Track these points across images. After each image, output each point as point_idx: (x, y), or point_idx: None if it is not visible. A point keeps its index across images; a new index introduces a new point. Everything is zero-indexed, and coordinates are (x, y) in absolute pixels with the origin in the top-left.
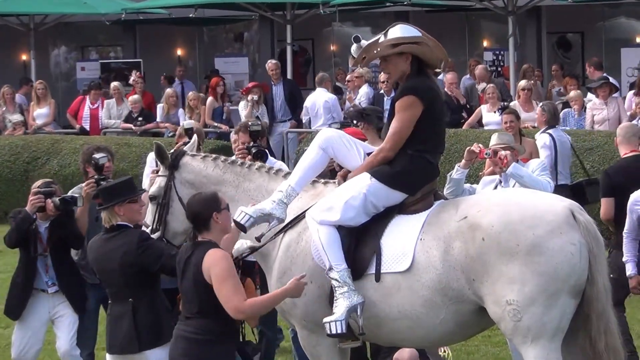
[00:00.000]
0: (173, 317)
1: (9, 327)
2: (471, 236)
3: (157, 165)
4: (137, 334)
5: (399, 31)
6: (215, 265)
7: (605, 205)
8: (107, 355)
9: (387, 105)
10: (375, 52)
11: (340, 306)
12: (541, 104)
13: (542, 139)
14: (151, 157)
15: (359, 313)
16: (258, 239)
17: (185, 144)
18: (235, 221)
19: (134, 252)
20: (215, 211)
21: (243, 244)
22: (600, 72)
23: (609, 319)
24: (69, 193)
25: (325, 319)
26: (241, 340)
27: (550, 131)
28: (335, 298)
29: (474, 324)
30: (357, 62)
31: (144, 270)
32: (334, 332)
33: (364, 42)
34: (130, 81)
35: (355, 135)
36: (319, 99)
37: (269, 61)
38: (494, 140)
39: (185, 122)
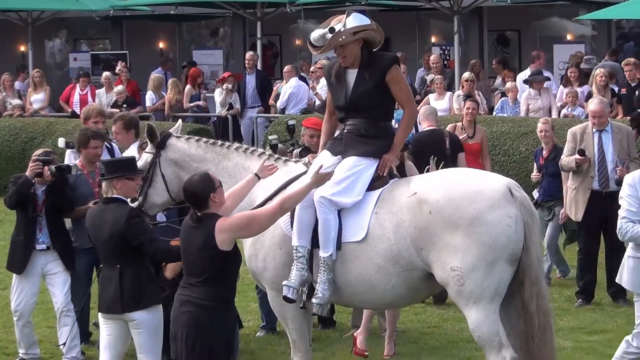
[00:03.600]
0: (158, 283)
1: (7, 289)
2: (419, 210)
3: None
4: (121, 296)
5: (354, 20)
6: (229, 222)
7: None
8: (98, 314)
9: None
10: (340, 39)
11: (294, 274)
12: None
13: None
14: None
15: (305, 289)
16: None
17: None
18: (286, 297)
19: (122, 226)
20: (211, 192)
21: None
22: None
23: (540, 284)
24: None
25: (284, 282)
26: None
27: None
28: (293, 265)
29: (423, 289)
30: (324, 49)
31: (129, 241)
32: (285, 294)
33: (325, 32)
34: (117, 70)
35: (316, 125)
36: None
37: (247, 53)
38: None
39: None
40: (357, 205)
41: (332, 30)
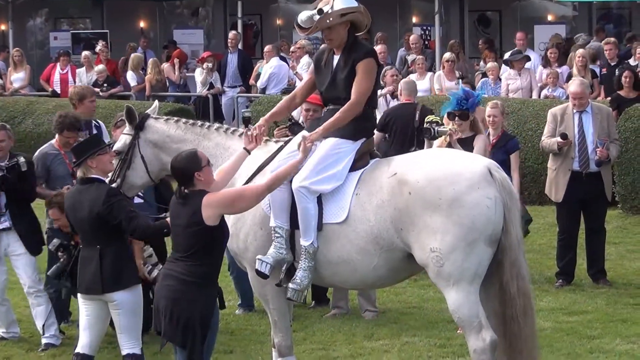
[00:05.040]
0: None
1: None
2: (399, 191)
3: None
4: (101, 277)
5: (342, 2)
6: (216, 197)
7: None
8: (78, 295)
9: None
10: (328, 21)
11: (271, 251)
12: None
13: None
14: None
15: (283, 269)
16: None
17: None
18: (258, 271)
19: (100, 206)
20: (196, 170)
21: None
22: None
23: (520, 265)
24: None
25: (258, 256)
26: None
27: None
28: (272, 243)
29: (404, 269)
30: (311, 30)
31: (108, 222)
32: (258, 267)
33: (313, 13)
34: (97, 50)
35: (313, 100)
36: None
37: (230, 32)
38: None
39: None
40: (338, 186)
41: (320, 11)
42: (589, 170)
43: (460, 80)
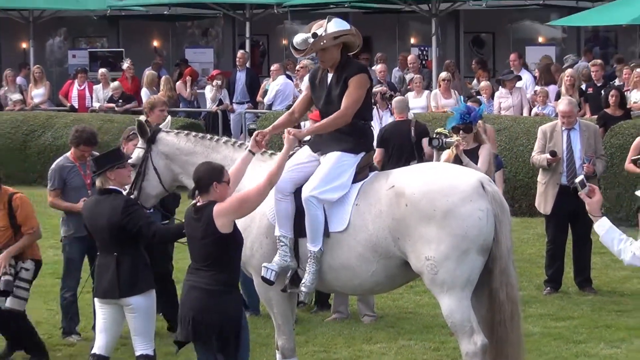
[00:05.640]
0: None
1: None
2: (396, 202)
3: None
4: (118, 283)
5: (335, 25)
6: (224, 206)
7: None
8: (95, 299)
9: None
10: (322, 44)
11: (276, 259)
12: None
13: None
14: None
15: (288, 275)
16: None
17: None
18: (264, 278)
19: (119, 216)
20: (215, 181)
21: None
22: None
23: (510, 274)
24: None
25: (264, 264)
26: None
27: None
28: (277, 251)
29: (401, 276)
30: (306, 52)
31: (127, 230)
32: (264, 274)
33: (308, 36)
34: (124, 67)
35: (315, 117)
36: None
37: (239, 51)
38: None
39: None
40: (340, 197)
41: (314, 35)
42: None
43: (467, 98)
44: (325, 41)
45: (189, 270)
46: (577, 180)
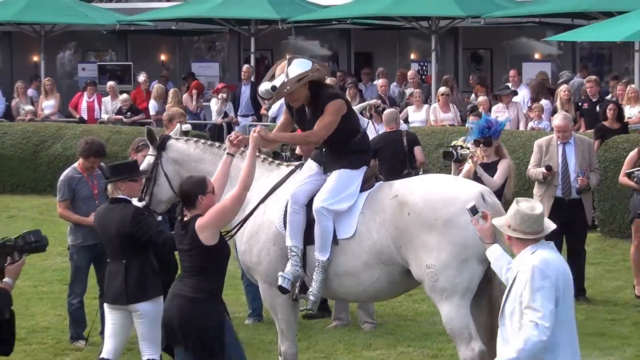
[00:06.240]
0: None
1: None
2: (399, 211)
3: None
4: (126, 289)
5: (297, 67)
6: (205, 220)
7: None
8: (104, 304)
9: None
10: (285, 90)
11: (289, 268)
12: None
13: None
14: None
15: (297, 284)
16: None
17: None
18: (281, 287)
19: (128, 225)
20: (200, 194)
21: None
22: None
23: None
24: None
25: (280, 272)
26: None
27: None
28: (288, 262)
29: (403, 283)
30: (273, 101)
31: (135, 239)
32: (280, 283)
33: (273, 84)
34: (140, 80)
35: None
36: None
37: (244, 65)
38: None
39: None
40: (348, 206)
41: (273, 88)
42: (570, 197)
43: (468, 111)
44: (288, 87)
45: (176, 279)
46: (469, 206)
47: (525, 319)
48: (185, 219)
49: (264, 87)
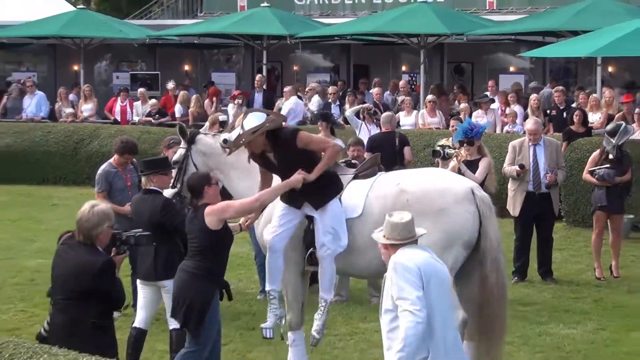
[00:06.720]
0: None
1: None
2: (400, 198)
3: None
4: (155, 268)
5: (253, 120)
6: (213, 207)
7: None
8: (137, 280)
9: (334, 110)
10: (241, 141)
11: (270, 319)
12: None
13: None
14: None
15: (282, 322)
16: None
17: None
18: (265, 338)
19: (159, 214)
20: (206, 184)
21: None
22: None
23: (499, 262)
24: None
25: (261, 325)
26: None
27: None
28: (268, 311)
29: None
30: (231, 151)
31: (164, 226)
32: (265, 335)
33: (232, 135)
34: (169, 87)
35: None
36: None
37: (257, 75)
38: None
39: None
40: (357, 188)
41: (225, 141)
42: (540, 191)
43: (450, 116)
44: (244, 139)
45: (185, 256)
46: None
47: (399, 311)
48: (197, 204)
49: (222, 137)
